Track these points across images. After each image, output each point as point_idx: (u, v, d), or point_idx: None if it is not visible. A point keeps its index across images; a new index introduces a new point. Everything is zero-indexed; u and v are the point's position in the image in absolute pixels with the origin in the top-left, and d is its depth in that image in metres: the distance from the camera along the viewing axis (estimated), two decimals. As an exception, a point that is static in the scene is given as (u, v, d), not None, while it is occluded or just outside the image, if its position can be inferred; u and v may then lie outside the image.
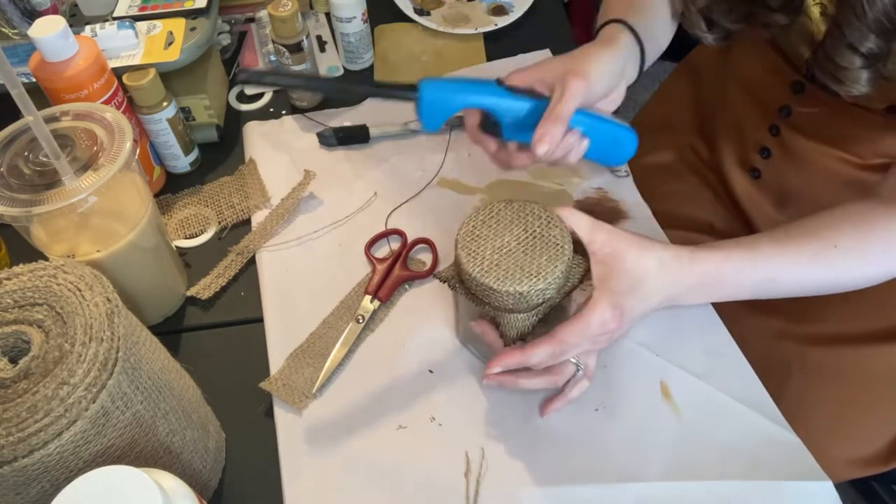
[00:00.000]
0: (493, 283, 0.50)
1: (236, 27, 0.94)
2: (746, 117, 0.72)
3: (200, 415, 0.55)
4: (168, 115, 0.73)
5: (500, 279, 0.50)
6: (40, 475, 0.42)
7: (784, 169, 0.70)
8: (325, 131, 0.80)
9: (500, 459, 0.57)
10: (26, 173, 0.54)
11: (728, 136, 0.76)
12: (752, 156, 0.73)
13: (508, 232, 0.53)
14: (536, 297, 0.51)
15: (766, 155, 0.70)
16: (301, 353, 0.63)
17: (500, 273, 0.51)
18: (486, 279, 0.51)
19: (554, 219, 0.54)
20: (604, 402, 0.59)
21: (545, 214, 0.54)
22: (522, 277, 0.50)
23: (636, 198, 0.73)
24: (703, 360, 0.61)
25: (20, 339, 0.45)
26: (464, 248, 0.53)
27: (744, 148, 0.73)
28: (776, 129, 0.68)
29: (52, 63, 0.63)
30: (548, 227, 0.53)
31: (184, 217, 0.75)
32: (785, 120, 0.67)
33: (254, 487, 0.58)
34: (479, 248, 0.52)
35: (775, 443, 0.56)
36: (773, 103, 0.68)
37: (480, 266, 0.51)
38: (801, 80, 0.65)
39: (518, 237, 0.53)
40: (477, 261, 0.52)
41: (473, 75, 0.85)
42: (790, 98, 0.66)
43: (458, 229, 0.54)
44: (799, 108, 0.66)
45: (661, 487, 0.54)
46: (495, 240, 0.53)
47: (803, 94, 0.65)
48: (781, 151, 0.70)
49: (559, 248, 0.52)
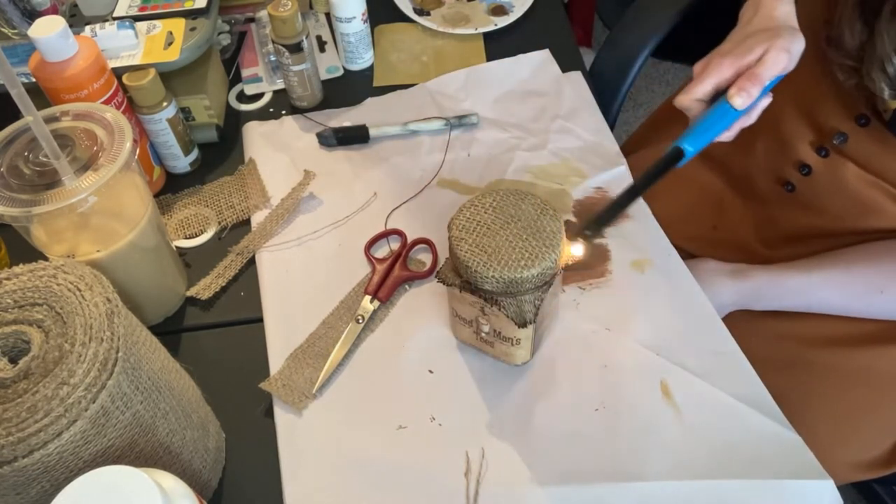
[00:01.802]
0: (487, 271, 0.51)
1: (236, 27, 0.94)
2: (795, 132, 0.71)
3: (200, 415, 0.55)
4: (168, 115, 0.73)
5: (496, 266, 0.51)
6: (40, 475, 0.42)
7: (821, 189, 0.70)
8: (325, 131, 0.80)
9: (500, 459, 0.57)
10: (26, 173, 0.54)
11: (765, 143, 0.75)
12: (788, 170, 0.72)
13: (503, 220, 0.54)
14: (533, 282, 0.52)
15: (807, 172, 0.70)
16: (301, 353, 0.63)
17: (498, 259, 0.52)
18: (477, 265, 0.52)
19: (547, 207, 0.55)
20: (604, 402, 0.59)
21: (538, 203, 0.55)
22: (516, 264, 0.51)
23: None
24: (703, 360, 0.61)
25: (20, 339, 0.45)
26: (458, 236, 0.53)
27: (783, 160, 0.73)
28: (825, 152, 0.68)
29: (52, 63, 0.63)
30: (541, 216, 0.54)
31: (184, 217, 0.75)
32: (838, 146, 0.68)
33: (254, 487, 0.58)
34: (475, 237, 0.53)
35: (776, 441, 0.56)
36: (831, 128, 0.68)
37: (475, 255, 0.52)
38: (869, 115, 0.65)
39: (512, 225, 0.54)
40: (474, 250, 0.52)
41: (473, 75, 0.86)
42: (851, 128, 0.67)
43: (452, 218, 0.55)
44: (857, 139, 0.67)
45: (662, 487, 0.54)
46: (490, 227, 0.54)
47: (867, 128, 0.65)
48: (824, 172, 0.70)
49: (553, 235, 0.53)
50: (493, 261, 0.52)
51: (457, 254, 0.53)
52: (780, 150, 0.73)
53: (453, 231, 0.54)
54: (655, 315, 0.64)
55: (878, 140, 0.65)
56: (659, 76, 1.91)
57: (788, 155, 0.72)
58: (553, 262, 0.52)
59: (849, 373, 0.70)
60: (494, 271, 0.51)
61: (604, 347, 0.62)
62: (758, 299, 0.72)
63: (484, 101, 0.83)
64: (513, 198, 0.55)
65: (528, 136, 0.79)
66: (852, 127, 0.66)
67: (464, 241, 0.53)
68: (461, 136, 0.80)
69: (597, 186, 0.74)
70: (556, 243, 0.52)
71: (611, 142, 0.78)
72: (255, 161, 0.79)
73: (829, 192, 0.70)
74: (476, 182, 0.76)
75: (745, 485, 0.54)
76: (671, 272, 0.67)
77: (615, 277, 0.67)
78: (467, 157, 0.78)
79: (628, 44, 0.92)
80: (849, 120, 0.66)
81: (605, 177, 0.75)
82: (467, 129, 0.81)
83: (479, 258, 0.52)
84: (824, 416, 0.70)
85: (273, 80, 0.88)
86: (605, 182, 0.74)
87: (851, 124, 0.66)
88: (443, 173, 0.77)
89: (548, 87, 0.85)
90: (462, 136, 0.80)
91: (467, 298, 0.56)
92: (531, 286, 0.52)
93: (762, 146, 0.75)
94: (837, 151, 0.68)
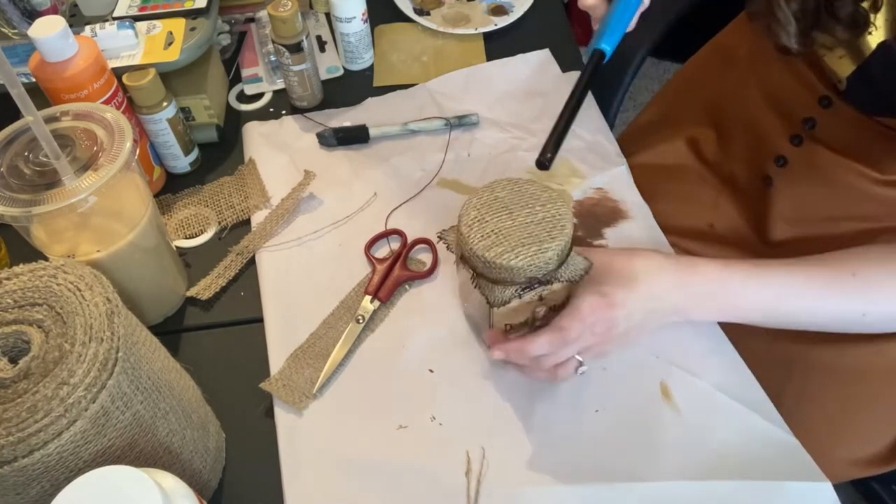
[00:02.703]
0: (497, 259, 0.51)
1: (236, 27, 0.94)
2: (767, 124, 0.72)
3: (200, 415, 0.55)
4: (168, 115, 0.73)
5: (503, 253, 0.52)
6: (40, 475, 0.42)
7: (799, 179, 0.71)
8: (325, 131, 0.80)
9: (500, 459, 0.57)
10: (26, 173, 0.54)
11: (743, 139, 0.76)
12: (767, 163, 0.73)
13: (512, 209, 0.54)
14: (537, 271, 0.52)
15: (782, 163, 0.71)
16: (301, 353, 0.63)
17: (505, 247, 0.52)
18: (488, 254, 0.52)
19: (555, 197, 0.55)
20: (604, 403, 0.59)
21: (547, 193, 0.55)
22: (522, 250, 0.52)
23: (636, 198, 0.73)
24: (702, 361, 0.61)
25: (20, 339, 0.45)
26: (467, 224, 0.53)
27: (760, 154, 0.73)
28: (799, 140, 0.69)
29: (52, 63, 0.63)
30: (551, 205, 0.54)
31: (184, 217, 0.75)
32: (809, 132, 0.68)
33: (254, 487, 0.58)
34: (483, 225, 0.53)
35: (774, 444, 0.56)
36: (798, 115, 0.69)
37: (484, 242, 0.52)
38: (829, 95, 0.65)
39: (521, 214, 0.54)
40: (481, 237, 0.53)
41: (473, 75, 0.86)
42: (817, 112, 0.67)
43: (462, 207, 0.55)
44: (824, 122, 0.67)
45: (661, 487, 0.54)
46: (499, 215, 0.54)
47: (831, 109, 0.66)
48: (799, 161, 0.70)
49: (560, 223, 0.53)
50: (536, 246, 0.52)
51: (508, 266, 0.51)
52: (757, 145, 0.74)
53: (490, 253, 0.52)
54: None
55: (845, 120, 0.65)
56: (658, 76, 1.91)
57: (766, 148, 0.73)
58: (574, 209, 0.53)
59: (845, 369, 0.70)
60: (551, 252, 0.51)
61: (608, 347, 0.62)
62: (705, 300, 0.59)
63: (484, 101, 0.83)
64: (506, 191, 0.56)
65: (529, 136, 0.79)
66: (818, 111, 0.67)
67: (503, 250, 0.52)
68: (461, 136, 0.80)
69: (597, 187, 0.74)
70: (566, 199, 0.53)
71: (611, 142, 0.78)
72: (255, 161, 0.79)
73: (808, 181, 0.70)
74: (476, 182, 0.76)
75: (743, 486, 0.54)
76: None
77: (615, 277, 0.67)
78: (467, 157, 0.78)
79: (627, 44, 0.92)
80: (813, 104, 0.67)
81: (605, 177, 0.75)
82: (467, 129, 0.81)
83: (528, 252, 0.52)
84: (821, 412, 0.70)
85: (273, 80, 0.88)
86: (605, 182, 0.74)
87: (816, 108, 0.67)
88: (443, 173, 0.77)
89: (548, 86, 0.85)
90: (462, 136, 0.80)
91: (525, 299, 0.55)
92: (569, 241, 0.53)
93: (742, 142, 0.76)
94: (810, 138, 0.68)
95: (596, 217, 0.72)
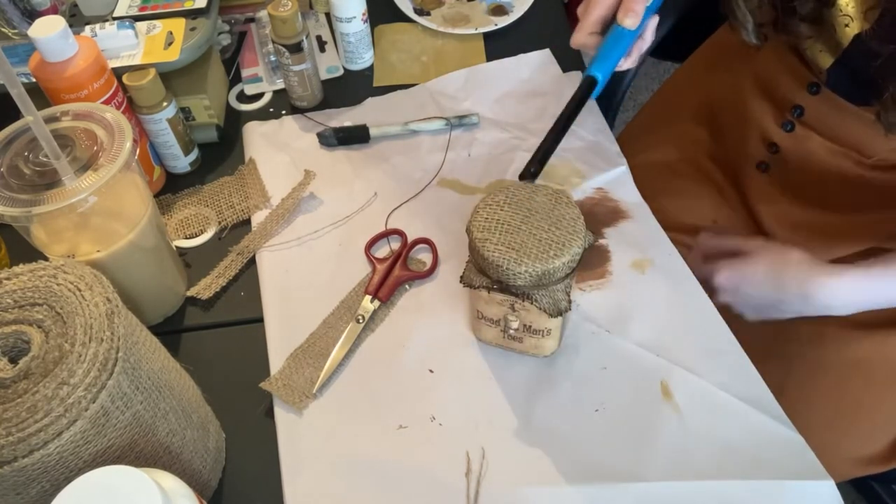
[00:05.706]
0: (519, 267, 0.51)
1: (236, 27, 0.94)
2: (759, 112, 0.73)
3: (200, 415, 0.55)
4: (168, 115, 0.73)
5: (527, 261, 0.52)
6: (40, 475, 0.42)
7: (792, 164, 0.72)
8: (325, 131, 0.80)
9: (500, 459, 0.57)
10: (26, 173, 0.54)
11: (738, 129, 0.77)
12: (760, 150, 0.74)
13: (521, 215, 0.54)
14: (563, 270, 0.52)
15: (775, 150, 0.72)
16: (301, 353, 0.63)
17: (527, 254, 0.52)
18: (508, 263, 0.52)
19: (560, 195, 0.55)
20: (604, 403, 0.59)
21: (551, 192, 0.55)
22: (546, 255, 0.52)
23: (636, 198, 0.73)
24: (703, 359, 0.61)
25: (20, 339, 0.45)
26: (482, 237, 0.53)
27: (754, 142, 0.75)
28: (791, 126, 0.69)
29: (52, 63, 0.63)
30: (557, 205, 0.54)
31: (184, 217, 0.75)
32: (798, 119, 0.69)
33: (254, 487, 0.58)
34: (498, 236, 0.53)
35: (777, 441, 0.56)
36: (787, 102, 0.70)
37: (504, 253, 0.52)
38: (817, 82, 0.66)
39: (531, 218, 0.54)
40: (501, 248, 0.52)
41: (473, 75, 0.86)
42: (805, 99, 0.68)
43: (470, 221, 0.54)
44: (812, 108, 0.68)
45: (662, 487, 0.54)
46: (510, 224, 0.54)
47: (818, 96, 0.67)
48: (791, 147, 0.71)
49: (573, 224, 0.53)
50: (523, 256, 0.51)
51: (484, 255, 0.52)
52: (751, 134, 0.75)
53: (475, 233, 0.53)
54: (656, 315, 0.64)
55: (832, 106, 0.66)
56: (658, 76, 1.91)
57: (759, 136, 0.74)
58: (580, 248, 0.52)
59: (846, 365, 0.70)
60: (526, 266, 0.51)
61: (604, 348, 0.62)
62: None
63: (484, 101, 0.83)
64: (525, 191, 0.55)
65: (529, 137, 0.79)
66: (806, 98, 0.68)
67: (489, 241, 0.53)
68: (462, 136, 0.80)
69: (597, 187, 0.74)
70: (579, 228, 0.53)
71: (611, 142, 0.78)
72: (256, 161, 0.79)
73: (801, 168, 0.71)
74: (476, 182, 0.76)
75: (746, 485, 0.54)
76: (671, 272, 0.67)
77: (615, 278, 0.67)
78: (468, 157, 0.78)
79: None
80: (801, 91, 0.68)
81: (606, 177, 0.75)
82: (468, 129, 0.81)
83: (509, 255, 0.52)
84: (822, 410, 0.70)
85: (273, 80, 0.88)
86: (606, 182, 0.74)
87: (804, 95, 0.68)
88: (443, 173, 0.77)
89: (548, 87, 0.85)
90: (462, 136, 0.80)
91: (495, 298, 0.55)
92: (562, 275, 0.53)
93: (737, 133, 0.77)
94: (800, 125, 0.70)
95: (596, 217, 0.72)
